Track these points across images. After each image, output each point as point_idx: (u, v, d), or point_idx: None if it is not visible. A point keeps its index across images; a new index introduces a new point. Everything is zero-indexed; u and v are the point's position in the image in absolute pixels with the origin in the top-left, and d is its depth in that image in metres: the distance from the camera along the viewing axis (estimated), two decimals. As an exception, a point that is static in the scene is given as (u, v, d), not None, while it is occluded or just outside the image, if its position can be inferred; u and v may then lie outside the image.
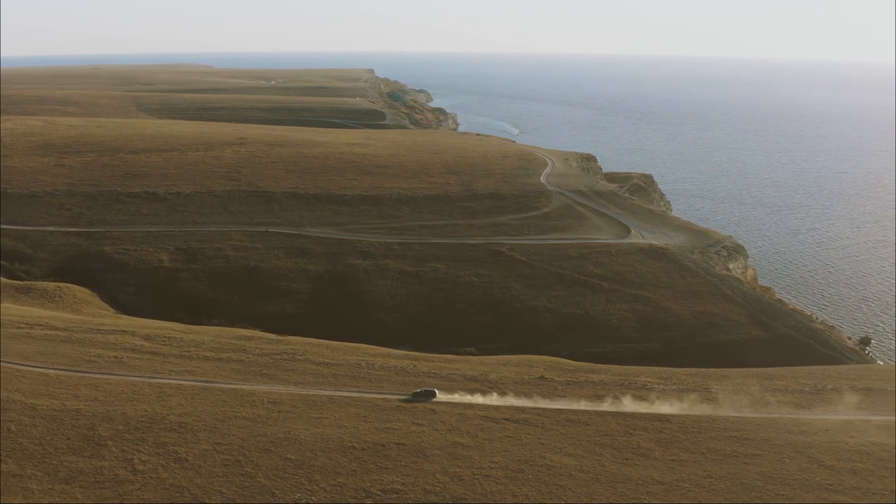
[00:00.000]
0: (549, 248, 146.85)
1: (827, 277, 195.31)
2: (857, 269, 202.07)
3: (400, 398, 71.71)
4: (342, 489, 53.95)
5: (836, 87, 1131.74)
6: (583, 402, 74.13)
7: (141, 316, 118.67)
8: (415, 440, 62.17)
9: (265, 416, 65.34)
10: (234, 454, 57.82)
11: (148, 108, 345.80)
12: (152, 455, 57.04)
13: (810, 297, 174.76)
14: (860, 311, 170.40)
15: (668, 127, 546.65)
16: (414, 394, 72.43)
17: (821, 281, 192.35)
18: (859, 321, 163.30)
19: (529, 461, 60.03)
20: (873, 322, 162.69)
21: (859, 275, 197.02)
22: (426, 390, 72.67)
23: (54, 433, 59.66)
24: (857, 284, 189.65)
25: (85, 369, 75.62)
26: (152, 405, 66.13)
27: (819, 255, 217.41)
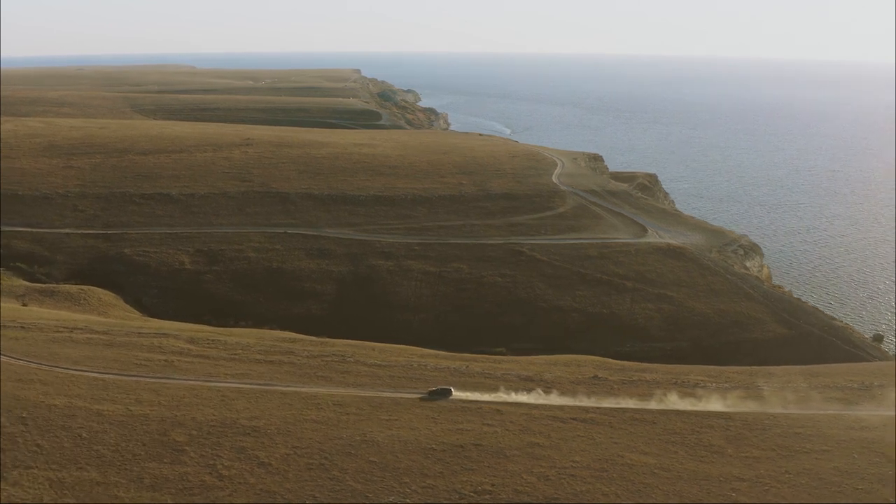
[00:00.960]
0: (569, 247, 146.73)
1: (829, 275, 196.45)
2: (859, 266, 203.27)
3: (418, 396, 71.51)
4: (433, 491, 53.48)
5: (824, 87, 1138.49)
6: (641, 401, 73.86)
7: (166, 318, 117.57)
8: (491, 441, 61.73)
9: (335, 418, 64.69)
10: (316, 458, 57.19)
11: (142, 109, 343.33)
12: (234, 460, 56.31)
13: (815, 296, 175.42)
14: (865, 309, 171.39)
15: (658, 126, 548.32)
16: (430, 392, 71.87)
17: (824, 279, 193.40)
18: (865, 319, 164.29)
19: (609, 460, 59.75)
20: (878, 320, 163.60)
21: (862, 273, 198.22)
22: (442, 389, 72.21)
23: (128, 439, 58.79)
24: (861, 282, 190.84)
25: (138, 373, 74.67)
26: (219, 409, 65.35)
27: (820, 253, 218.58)
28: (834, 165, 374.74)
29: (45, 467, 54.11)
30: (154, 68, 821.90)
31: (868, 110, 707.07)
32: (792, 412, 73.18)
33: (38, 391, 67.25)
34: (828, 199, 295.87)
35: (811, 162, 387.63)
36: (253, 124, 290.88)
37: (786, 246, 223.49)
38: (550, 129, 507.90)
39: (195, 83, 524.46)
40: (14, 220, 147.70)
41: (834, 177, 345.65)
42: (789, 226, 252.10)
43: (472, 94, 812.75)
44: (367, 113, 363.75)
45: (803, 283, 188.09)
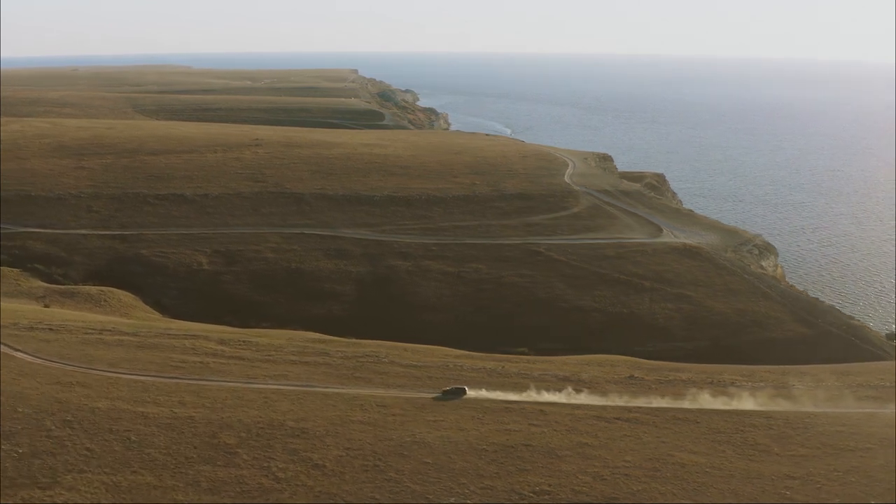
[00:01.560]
0: (586, 247, 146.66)
1: (836, 274, 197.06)
2: (865, 265, 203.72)
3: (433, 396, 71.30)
4: (492, 491, 53.16)
5: (822, 86, 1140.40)
6: (679, 400, 73.71)
7: (187, 319, 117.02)
8: (540, 441, 61.45)
9: (381, 419, 64.34)
10: (369, 459, 56.82)
11: (144, 110, 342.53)
12: (288, 462, 55.91)
13: (823, 294, 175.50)
14: (874, 307, 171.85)
15: (658, 126, 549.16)
16: (444, 392, 71.43)
17: (831, 277, 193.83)
18: (873, 317, 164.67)
19: (659, 459, 59.50)
20: (886, 318, 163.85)
21: (868, 271, 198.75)
22: (456, 388, 71.73)
23: (178, 442, 58.35)
24: (867, 281, 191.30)
25: (176, 375, 74.22)
26: (263, 411, 64.94)
27: (826, 252, 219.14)
28: (835, 165, 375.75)
29: (98, 471, 53.64)
30: (151, 68, 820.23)
31: (866, 110, 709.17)
32: (826, 411, 73.08)
33: (80, 394, 66.78)
34: (831, 199, 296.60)
35: (812, 161, 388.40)
36: (255, 124, 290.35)
37: (791, 245, 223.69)
38: (551, 128, 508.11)
39: (194, 83, 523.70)
40: (28, 221, 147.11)
41: (835, 176, 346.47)
42: (794, 225, 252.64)
43: (470, 95, 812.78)
44: (369, 113, 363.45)
45: (811, 281, 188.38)
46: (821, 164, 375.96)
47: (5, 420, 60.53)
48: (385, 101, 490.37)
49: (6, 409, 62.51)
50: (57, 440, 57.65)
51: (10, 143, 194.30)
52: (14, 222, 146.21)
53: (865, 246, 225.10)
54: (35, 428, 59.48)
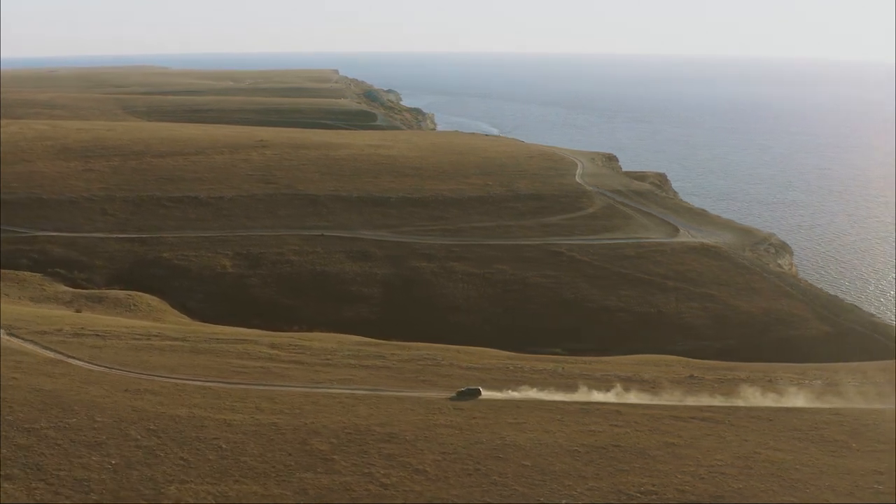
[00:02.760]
0: (606, 247, 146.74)
1: (837, 272, 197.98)
2: (866, 263, 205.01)
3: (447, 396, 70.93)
4: (598, 492, 52.77)
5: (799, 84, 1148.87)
6: (745, 399, 73.74)
7: (215, 322, 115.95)
8: (629, 441, 61.19)
9: (464, 423, 63.79)
10: (468, 463, 56.28)
11: (135, 111, 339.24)
12: (388, 468, 55.24)
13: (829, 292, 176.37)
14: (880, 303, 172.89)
15: (643, 125, 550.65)
16: (459, 392, 70.88)
17: (834, 276, 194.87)
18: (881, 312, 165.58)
19: (748, 457, 59.36)
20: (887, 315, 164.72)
21: (868, 269, 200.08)
22: (470, 389, 71.25)
23: (271, 449, 57.50)
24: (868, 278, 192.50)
25: (242, 381, 73.35)
26: (345, 416, 64.22)
27: (825, 250, 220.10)
28: (823, 164, 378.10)
29: (200, 481, 52.73)
30: (130, 70, 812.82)
31: (847, 108, 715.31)
32: (878, 407, 73.40)
33: (153, 402, 65.76)
34: (824, 197, 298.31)
35: (800, 160, 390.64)
36: (247, 125, 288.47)
37: (791, 243, 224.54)
38: (537, 128, 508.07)
39: (179, 84, 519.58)
40: (43, 224, 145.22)
41: (825, 175, 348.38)
42: (791, 223, 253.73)
43: (452, 94, 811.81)
44: (362, 114, 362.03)
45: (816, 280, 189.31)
46: (809, 163, 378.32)
47: (87, 430, 59.47)
48: (371, 102, 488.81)
49: (84, 418, 61.43)
50: (148, 450, 56.66)
51: (11, 146, 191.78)
52: (29, 226, 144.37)
53: (863, 244, 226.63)
54: (121, 437, 58.46)
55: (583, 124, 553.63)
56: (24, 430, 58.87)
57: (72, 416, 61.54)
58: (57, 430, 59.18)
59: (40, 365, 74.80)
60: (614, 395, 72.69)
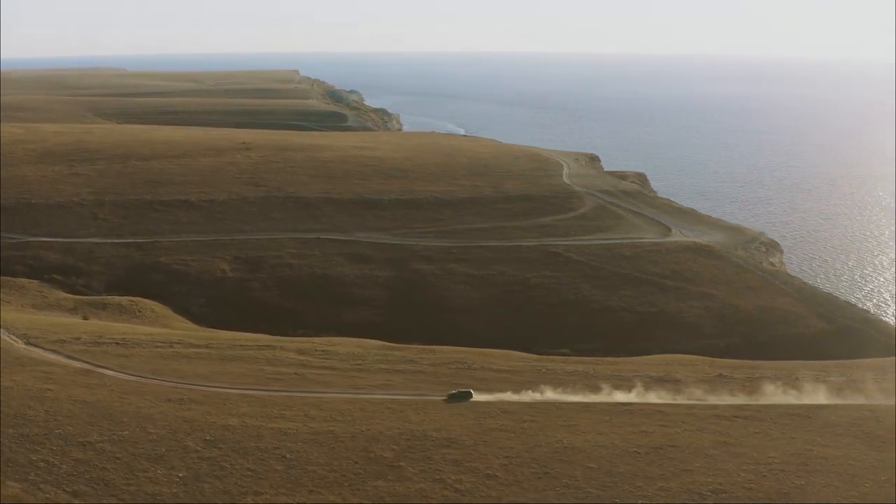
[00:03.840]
0: (602, 248, 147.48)
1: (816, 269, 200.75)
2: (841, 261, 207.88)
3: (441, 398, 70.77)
4: (670, 492, 53.02)
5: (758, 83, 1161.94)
6: (776, 397, 74.45)
7: (220, 328, 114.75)
8: (683, 441, 61.55)
9: (517, 426, 63.73)
10: (535, 466, 56.22)
11: (104, 114, 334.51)
12: (457, 473, 55.00)
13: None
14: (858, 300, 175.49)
15: (607, 124, 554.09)
16: (450, 395, 70.68)
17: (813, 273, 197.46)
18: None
19: (800, 454, 60.08)
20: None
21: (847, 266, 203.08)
22: (461, 392, 71.09)
23: (336, 458, 56.96)
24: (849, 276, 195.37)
25: (282, 388, 72.61)
26: (397, 422, 63.87)
27: (804, 247, 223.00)
28: (791, 161, 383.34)
29: (274, 492, 52.09)
30: (85, 71, 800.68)
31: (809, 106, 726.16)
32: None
33: (201, 411, 64.86)
34: (795, 195, 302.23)
35: (767, 158, 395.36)
36: (219, 127, 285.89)
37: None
38: (503, 128, 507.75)
39: (142, 86, 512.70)
40: (35, 230, 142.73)
41: (794, 173, 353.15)
42: (766, 221, 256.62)
43: (413, 95, 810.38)
44: (333, 115, 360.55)
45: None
46: (776, 161, 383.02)
47: (143, 442, 58.50)
48: (337, 102, 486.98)
49: (136, 430, 60.47)
50: (212, 461, 55.88)
51: None
52: (21, 231, 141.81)
53: (838, 241, 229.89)
54: (180, 449, 57.60)
55: (548, 124, 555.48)
56: (78, 443, 57.80)
57: (123, 429, 60.51)
58: (112, 443, 58.16)
59: (72, 375, 73.50)
60: (655, 395, 73.09)
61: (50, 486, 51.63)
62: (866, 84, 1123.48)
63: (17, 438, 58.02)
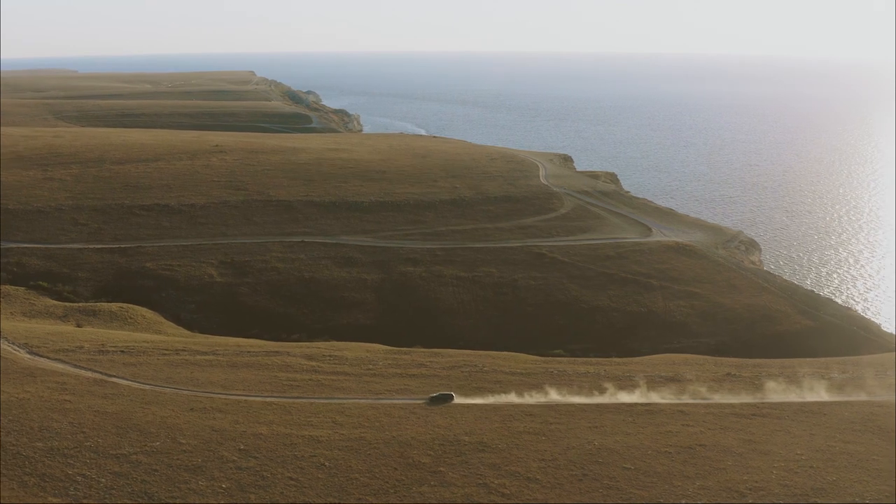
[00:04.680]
0: (586, 248, 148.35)
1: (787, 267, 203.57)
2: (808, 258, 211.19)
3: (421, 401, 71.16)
4: (710, 491, 53.72)
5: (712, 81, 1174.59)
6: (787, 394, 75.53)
7: (213, 334, 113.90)
8: (709, 440, 62.31)
9: (544, 428, 64.08)
10: (573, 468, 56.59)
11: (66, 116, 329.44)
12: (499, 477, 55.17)
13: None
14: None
15: (566, 123, 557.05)
16: (431, 398, 71.08)
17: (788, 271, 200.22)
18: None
19: (825, 450, 61.16)
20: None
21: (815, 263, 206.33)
22: (442, 394, 71.57)
23: (375, 465, 56.81)
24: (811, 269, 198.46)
25: (300, 395, 72.26)
26: (426, 427, 63.88)
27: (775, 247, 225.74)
28: (751, 159, 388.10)
29: (322, 501, 51.82)
30: (35, 73, 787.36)
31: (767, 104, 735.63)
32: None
33: (228, 420, 64.32)
34: (759, 193, 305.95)
35: (727, 156, 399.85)
36: (183, 129, 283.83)
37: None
38: (464, 128, 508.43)
39: (99, 88, 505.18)
40: (15, 236, 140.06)
41: (755, 171, 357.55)
42: (734, 220, 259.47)
43: (369, 95, 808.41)
44: (297, 116, 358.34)
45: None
46: (737, 159, 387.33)
47: (176, 453, 57.84)
48: (296, 103, 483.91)
49: (167, 441, 59.76)
50: (252, 471, 55.46)
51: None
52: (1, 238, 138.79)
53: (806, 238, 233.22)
54: (216, 460, 57.09)
55: (507, 124, 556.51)
56: (112, 456, 57.02)
57: (154, 440, 59.79)
58: (146, 454, 57.46)
59: (87, 385, 72.42)
60: (672, 395, 73.86)
61: (93, 501, 50.85)
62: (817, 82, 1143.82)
63: (48, 452, 57.08)
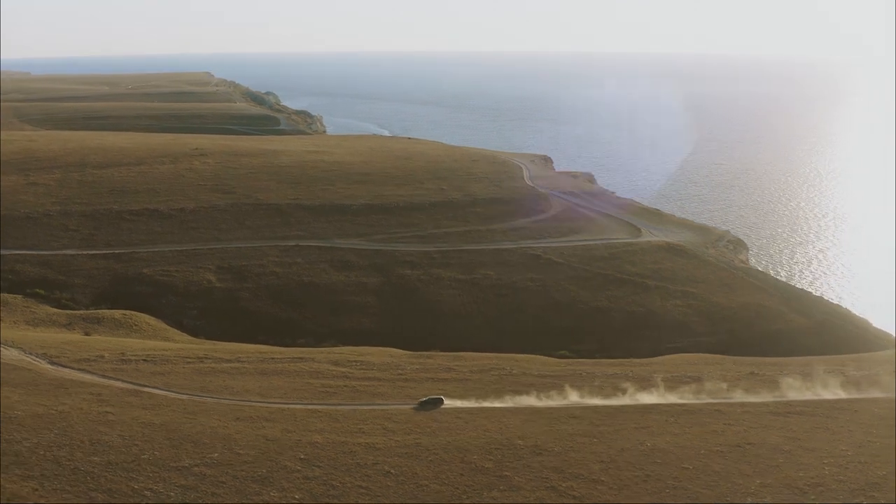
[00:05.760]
0: (580, 249, 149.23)
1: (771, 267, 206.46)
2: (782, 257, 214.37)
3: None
4: (771, 489, 54.15)
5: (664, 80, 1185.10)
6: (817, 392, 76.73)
7: (221, 339, 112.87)
8: (755, 439, 62.86)
9: (592, 430, 64.37)
10: (633, 470, 56.82)
11: (31, 119, 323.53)
12: (564, 480, 55.24)
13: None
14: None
15: (528, 123, 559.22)
16: (421, 402, 71.05)
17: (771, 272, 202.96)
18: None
19: (866, 445, 61.95)
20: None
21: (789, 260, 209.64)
22: (432, 398, 71.58)
23: (441, 471, 56.60)
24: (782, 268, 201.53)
25: (340, 402, 71.82)
26: (477, 431, 63.82)
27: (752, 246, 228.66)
28: (717, 159, 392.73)
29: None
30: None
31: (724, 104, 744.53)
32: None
33: (279, 429, 63.80)
34: (728, 192, 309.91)
35: (694, 156, 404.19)
36: (152, 132, 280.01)
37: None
38: (427, 129, 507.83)
39: (59, 90, 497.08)
40: (6, 243, 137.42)
41: (721, 170, 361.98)
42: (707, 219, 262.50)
43: (329, 96, 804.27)
44: (264, 118, 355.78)
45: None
46: (702, 159, 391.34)
47: (238, 464, 57.28)
48: (259, 105, 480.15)
49: (225, 452, 59.16)
50: (319, 480, 55.10)
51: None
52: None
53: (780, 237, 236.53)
54: (280, 470, 56.63)
55: (470, 124, 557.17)
56: (173, 469, 56.30)
57: (211, 451, 59.15)
58: (208, 466, 56.83)
59: (123, 396, 71.43)
60: (706, 394, 74.75)
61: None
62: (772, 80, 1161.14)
63: (107, 466, 56.20)
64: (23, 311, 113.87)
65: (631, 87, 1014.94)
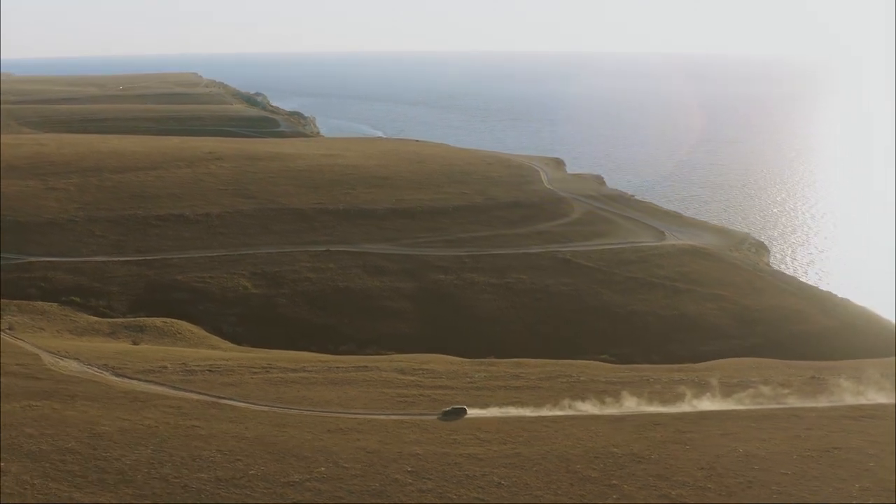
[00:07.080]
0: (608, 253, 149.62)
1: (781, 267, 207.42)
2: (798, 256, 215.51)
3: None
4: (871, 492, 53.76)
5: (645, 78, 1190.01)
6: (873, 396, 77.24)
7: (264, 347, 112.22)
8: (840, 443, 62.90)
9: (679, 437, 64.47)
10: (735, 477, 56.02)
11: (28, 122, 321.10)
12: (673, 488, 55.13)
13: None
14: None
15: (519, 123, 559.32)
16: (444, 412, 70.79)
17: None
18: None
19: (951, 448, 62.77)
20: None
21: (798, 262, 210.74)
22: (455, 408, 71.38)
23: (548, 481, 56.58)
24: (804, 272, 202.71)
25: (422, 411, 71.69)
26: (570, 440, 63.75)
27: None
28: (712, 159, 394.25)
29: (521, 521, 51.80)
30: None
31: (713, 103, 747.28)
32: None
33: (374, 441, 63.63)
34: (726, 192, 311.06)
35: (684, 155, 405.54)
36: (152, 135, 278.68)
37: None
38: (419, 130, 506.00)
39: (46, 92, 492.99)
40: (32, 249, 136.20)
41: (718, 170, 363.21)
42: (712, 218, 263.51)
43: (319, 96, 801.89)
44: (264, 120, 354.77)
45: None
46: (697, 159, 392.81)
47: (347, 478, 57.12)
48: (252, 106, 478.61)
49: (331, 466, 59.00)
50: (435, 493, 54.99)
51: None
52: (17, 251, 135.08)
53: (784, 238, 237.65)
54: (392, 483, 56.49)
55: (460, 125, 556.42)
56: (285, 484, 56.04)
57: (316, 465, 58.95)
58: (317, 481, 56.61)
59: (204, 409, 71.01)
60: (780, 399, 75.18)
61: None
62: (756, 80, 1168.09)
63: (217, 483, 55.84)
64: (63, 320, 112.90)
65: (630, 88, 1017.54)
